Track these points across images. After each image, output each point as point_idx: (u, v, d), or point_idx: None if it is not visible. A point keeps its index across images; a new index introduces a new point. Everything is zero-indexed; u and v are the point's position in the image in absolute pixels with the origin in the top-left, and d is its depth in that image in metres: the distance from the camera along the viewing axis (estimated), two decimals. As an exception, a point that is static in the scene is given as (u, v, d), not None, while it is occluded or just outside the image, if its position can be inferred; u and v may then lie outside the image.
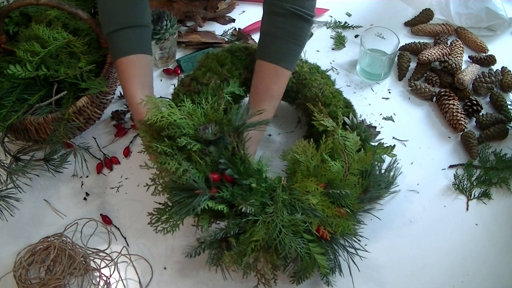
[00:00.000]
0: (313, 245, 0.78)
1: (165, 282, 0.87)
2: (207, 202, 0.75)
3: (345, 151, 0.85)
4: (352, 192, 0.82)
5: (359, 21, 1.29)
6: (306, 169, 0.83)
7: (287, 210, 0.79)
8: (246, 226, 0.78)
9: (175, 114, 0.81)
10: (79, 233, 0.92)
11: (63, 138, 0.94)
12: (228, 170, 0.79)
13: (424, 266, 0.89)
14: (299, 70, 0.99)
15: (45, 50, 0.94)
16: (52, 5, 0.92)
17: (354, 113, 0.98)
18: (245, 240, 0.77)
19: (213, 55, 0.99)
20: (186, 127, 0.80)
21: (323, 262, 0.78)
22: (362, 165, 0.84)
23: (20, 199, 0.94)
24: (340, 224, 0.79)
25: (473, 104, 1.08)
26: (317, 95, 0.97)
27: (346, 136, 0.86)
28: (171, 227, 0.78)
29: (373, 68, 1.14)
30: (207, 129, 0.80)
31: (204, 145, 0.80)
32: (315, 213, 0.79)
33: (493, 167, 1.00)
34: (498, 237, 0.92)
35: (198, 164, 0.78)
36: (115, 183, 0.99)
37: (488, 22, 1.23)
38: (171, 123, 0.80)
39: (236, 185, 0.80)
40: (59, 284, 0.82)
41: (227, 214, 0.77)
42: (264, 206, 0.79)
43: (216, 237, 0.78)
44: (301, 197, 0.80)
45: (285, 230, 0.76)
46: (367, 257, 0.89)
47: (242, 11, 1.32)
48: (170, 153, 0.78)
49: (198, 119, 0.83)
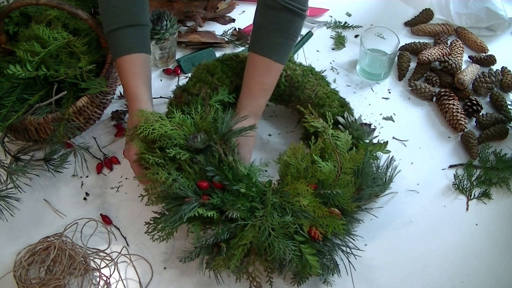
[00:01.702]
0: (305, 246, 0.79)
1: (165, 282, 0.87)
2: (198, 209, 0.77)
3: (337, 150, 0.85)
4: (345, 191, 0.83)
5: (359, 21, 1.29)
6: (296, 171, 0.84)
7: (278, 213, 0.80)
8: (236, 231, 0.79)
9: (165, 126, 0.84)
10: (79, 233, 0.92)
11: (63, 138, 0.94)
12: (216, 177, 0.81)
13: (424, 266, 0.89)
14: (291, 73, 1.00)
15: (45, 50, 0.94)
16: (52, 5, 0.92)
17: (350, 112, 0.98)
18: (235, 245, 0.78)
19: (203, 66, 1.00)
20: (177, 138, 0.83)
21: (314, 262, 0.79)
22: (354, 163, 0.85)
23: (20, 199, 0.94)
24: (330, 224, 0.80)
25: (473, 104, 1.08)
26: (310, 96, 0.98)
27: (337, 135, 0.87)
28: (166, 235, 0.80)
29: (373, 68, 1.14)
30: (196, 138, 0.82)
31: (194, 154, 0.82)
32: (305, 214, 0.80)
33: (493, 167, 1.00)
34: (498, 237, 0.92)
35: (187, 173, 0.81)
36: (115, 183, 0.99)
37: (488, 22, 1.23)
38: (162, 134, 0.83)
39: (226, 191, 0.82)
40: (59, 284, 0.82)
41: (217, 220, 0.79)
42: (253, 210, 0.80)
43: (208, 242, 0.79)
44: (292, 199, 0.81)
45: (274, 233, 0.77)
46: (367, 257, 0.89)
47: (242, 11, 1.32)
48: (161, 163, 0.81)
49: (188, 129, 0.85)
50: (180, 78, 1.16)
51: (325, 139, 0.86)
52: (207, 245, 0.80)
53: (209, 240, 0.79)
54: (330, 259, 0.83)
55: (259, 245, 0.78)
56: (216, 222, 0.80)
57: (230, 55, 1.02)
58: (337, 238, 0.85)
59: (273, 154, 1.02)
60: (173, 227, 0.79)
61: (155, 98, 1.11)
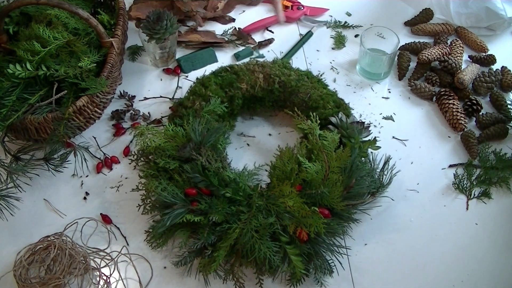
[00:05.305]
0: (289, 247, 0.80)
1: (165, 282, 0.87)
2: (186, 216, 0.81)
3: (323, 150, 0.86)
4: (332, 190, 0.83)
5: (359, 21, 1.29)
6: (282, 173, 0.86)
7: (263, 215, 0.82)
8: (222, 234, 0.82)
9: (159, 139, 0.90)
10: (79, 233, 0.92)
11: (63, 137, 0.95)
12: (200, 183, 0.85)
13: (424, 266, 0.89)
14: (285, 79, 1.02)
15: (45, 49, 0.94)
16: (52, 4, 0.92)
17: (347, 112, 0.99)
18: (218, 247, 0.81)
19: (198, 80, 1.04)
20: (170, 149, 0.89)
21: (298, 263, 0.80)
22: (341, 162, 0.85)
23: (20, 199, 0.94)
24: (313, 223, 0.80)
25: (473, 103, 1.08)
26: (304, 100, 1.00)
27: (324, 135, 0.89)
28: (163, 242, 0.87)
29: (373, 67, 1.14)
30: (185, 148, 0.87)
31: (183, 163, 0.87)
32: (289, 215, 0.81)
33: (493, 166, 1.00)
34: (498, 236, 0.92)
35: (176, 181, 0.86)
36: (115, 183, 0.99)
37: (488, 22, 1.23)
38: (157, 147, 0.89)
39: (214, 197, 0.85)
40: (59, 283, 0.82)
41: (204, 224, 0.82)
42: (239, 213, 0.82)
43: (196, 247, 0.82)
44: (277, 201, 0.83)
45: (258, 234, 0.80)
46: (367, 256, 0.89)
47: (242, 11, 1.32)
48: (155, 174, 0.88)
49: (181, 140, 0.90)
50: (180, 77, 1.16)
51: (311, 139, 0.88)
52: (196, 250, 0.83)
53: (197, 244, 0.82)
54: (323, 260, 0.83)
55: (242, 247, 0.80)
56: (203, 227, 0.82)
57: (225, 67, 1.06)
58: (333, 239, 0.85)
59: (272, 154, 1.02)
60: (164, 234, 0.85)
61: (155, 98, 1.12)
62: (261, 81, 1.02)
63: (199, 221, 0.81)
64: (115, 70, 1.05)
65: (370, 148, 0.93)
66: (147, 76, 1.17)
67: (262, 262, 0.80)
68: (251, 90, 1.02)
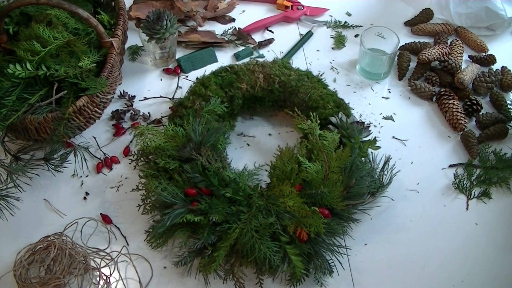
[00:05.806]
0: (289, 247, 0.80)
1: (165, 282, 0.87)
2: (186, 216, 0.81)
3: (323, 150, 0.86)
4: (332, 190, 0.84)
5: (359, 21, 1.29)
6: (282, 173, 0.86)
7: (263, 215, 0.82)
8: (222, 234, 0.82)
9: (159, 138, 0.90)
10: (79, 233, 0.92)
11: (63, 137, 0.94)
12: (200, 183, 0.85)
13: (424, 266, 0.89)
14: (285, 79, 1.02)
15: (45, 49, 0.94)
16: (52, 4, 0.92)
17: (346, 112, 0.99)
18: (218, 247, 0.81)
19: (198, 80, 1.04)
20: (170, 149, 0.89)
21: (298, 263, 0.80)
22: (341, 162, 0.85)
23: (20, 199, 0.94)
24: (313, 223, 0.80)
25: (473, 103, 1.08)
26: (304, 100, 1.00)
27: (324, 135, 0.89)
28: (163, 242, 0.86)
29: (373, 67, 1.14)
30: (185, 148, 0.87)
31: (183, 163, 0.87)
32: (289, 215, 0.81)
33: (493, 166, 1.00)
34: (498, 236, 0.92)
35: (176, 181, 0.86)
36: (115, 183, 0.99)
37: (488, 22, 1.23)
38: (157, 147, 0.89)
39: (214, 197, 0.85)
40: (59, 283, 0.82)
41: (204, 224, 0.82)
42: (239, 213, 0.82)
43: (197, 247, 0.82)
44: (277, 201, 0.83)
45: (257, 234, 0.80)
46: (367, 256, 0.89)
47: (242, 11, 1.32)
48: (155, 174, 0.88)
49: (181, 140, 0.90)
50: (180, 77, 1.16)
51: (312, 139, 0.88)
52: (196, 250, 0.83)
53: (197, 244, 0.82)
54: (323, 260, 0.83)
55: (242, 247, 0.80)
56: (203, 227, 0.82)
57: (225, 67, 1.06)
58: (333, 238, 0.85)
59: (272, 154, 1.02)
60: (165, 234, 0.84)
61: (155, 98, 1.12)
62: (261, 81, 1.02)
63: (199, 221, 0.81)
64: (115, 70, 1.05)
65: (370, 148, 0.93)
66: (147, 76, 1.17)
67: (262, 262, 0.80)
68: (251, 90, 1.02)
